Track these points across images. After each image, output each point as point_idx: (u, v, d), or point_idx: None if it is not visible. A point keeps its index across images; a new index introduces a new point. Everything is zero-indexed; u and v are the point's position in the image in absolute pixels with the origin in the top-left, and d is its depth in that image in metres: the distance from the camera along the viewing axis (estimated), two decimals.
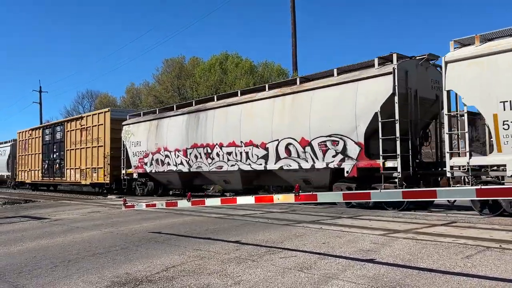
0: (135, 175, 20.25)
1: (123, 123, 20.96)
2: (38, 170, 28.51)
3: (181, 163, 17.45)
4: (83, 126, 23.40)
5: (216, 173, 15.99)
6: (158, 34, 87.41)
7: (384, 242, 6.22)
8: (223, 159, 15.51)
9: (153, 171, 19.02)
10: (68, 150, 24.87)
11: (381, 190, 4.60)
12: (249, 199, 6.02)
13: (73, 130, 24.36)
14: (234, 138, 15.01)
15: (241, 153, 14.74)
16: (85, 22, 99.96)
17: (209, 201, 6.98)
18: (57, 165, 26.17)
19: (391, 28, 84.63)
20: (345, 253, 5.57)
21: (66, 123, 25.69)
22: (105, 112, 22.22)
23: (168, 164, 18.17)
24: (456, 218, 8.76)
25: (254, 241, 6.69)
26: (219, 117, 15.78)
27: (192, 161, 16.85)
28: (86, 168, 23.08)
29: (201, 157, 16.47)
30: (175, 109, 18.54)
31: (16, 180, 32.75)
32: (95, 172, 22.33)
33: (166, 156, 18.22)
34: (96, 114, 23.10)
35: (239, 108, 14.97)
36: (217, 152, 15.71)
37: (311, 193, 5.11)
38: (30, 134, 29.87)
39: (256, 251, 5.90)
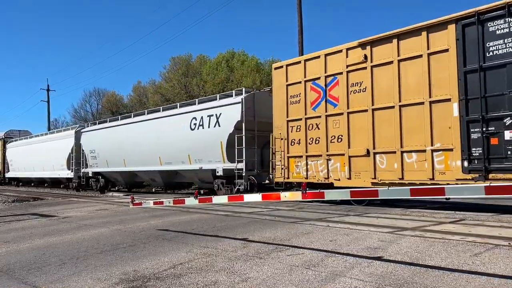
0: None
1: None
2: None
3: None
4: None
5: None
6: (164, 32, 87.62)
7: (391, 240, 6.19)
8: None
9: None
10: None
11: (389, 188, 4.57)
12: (256, 197, 6.02)
13: None
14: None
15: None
16: (92, 20, 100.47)
17: (216, 199, 7.00)
18: None
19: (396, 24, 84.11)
20: (352, 251, 5.55)
21: None
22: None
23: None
24: (465, 216, 8.70)
25: (261, 238, 6.70)
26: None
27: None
28: None
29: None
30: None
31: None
32: None
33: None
34: None
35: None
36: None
37: (318, 190, 5.10)
38: None
39: (263, 249, 5.90)
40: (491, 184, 3.72)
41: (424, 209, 10.27)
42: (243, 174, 15.09)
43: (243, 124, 15.10)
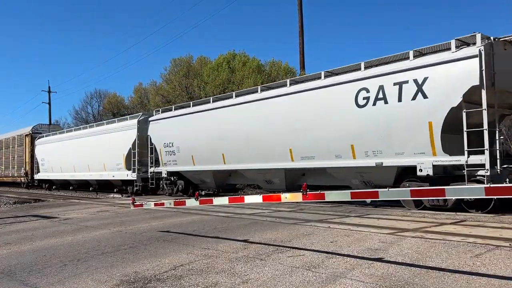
0: None
1: None
2: None
3: None
4: None
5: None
6: (165, 33, 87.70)
7: (392, 241, 6.19)
8: None
9: None
10: None
11: (389, 189, 4.57)
12: (257, 198, 6.02)
13: None
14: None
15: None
16: (92, 22, 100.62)
17: (217, 200, 7.00)
18: None
19: (397, 25, 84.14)
20: (353, 252, 5.55)
21: None
22: None
23: None
24: (465, 217, 8.70)
25: (262, 240, 6.70)
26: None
27: None
28: None
29: None
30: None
31: None
32: None
33: None
34: None
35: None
36: None
37: (318, 192, 5.10)
38: None
39: (264, 250, 5.90)
40: (490, 186, 3.72)
41: (425, 210, 10.26)
42: (484, 173, 9.18)
43: (483, 92, 9.17)
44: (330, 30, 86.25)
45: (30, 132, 32.35)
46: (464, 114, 9.40)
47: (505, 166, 9.50)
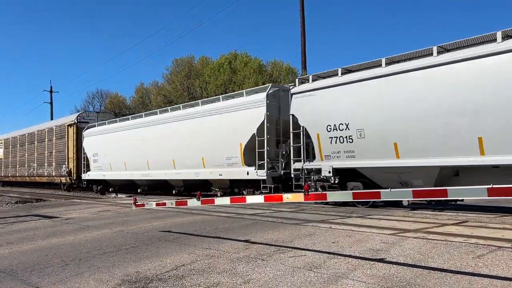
0: None
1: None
2: None
3: None
4: None
5: None
6: (167, 34, 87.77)
7: (394, 242, 6.19)
8: None
9: None
10: None
11: (391, 189, 4.56)
12: (258, 198, 6.03)
13: None
14: None
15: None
16: (93, 22, 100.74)
17: (219, 200, 7.00)
18: None
19: (399, 24, 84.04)
20: (354, 253, 5.55)
21: None
22: None
23: None
24: (467, 218, 8.68)
25: (263, 240, 6.70)
26: None
27: None
28: None
29: None
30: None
31: None
32: None
33: None
34: None
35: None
36: None
37: (320, 192, 5.10)
38: None
39: (266, 250, 5.90)
40: (493, 186, 3.71)
41: (426, 210, 10.25)
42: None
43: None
44: (332, 30, 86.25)
45: (75, 121, 25.30)
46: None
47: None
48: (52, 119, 51.44)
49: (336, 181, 12.12)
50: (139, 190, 21.27)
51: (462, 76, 9.69)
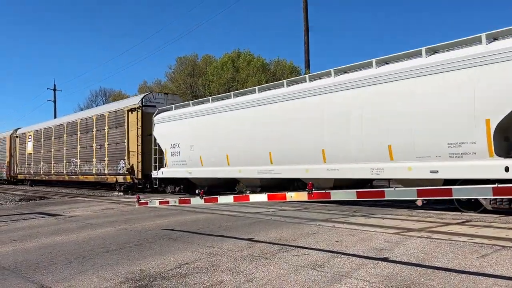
0: None
1: None
2: None
3: None
4: None
5: None
6: (170, 32, 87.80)
7: (397, 241, 6.17)
8: None
9: None
10: None
11: (396, 189, 4.54)
12: (261, 197, 6.01)
13: None
14: None
15: None
16: (97, 21, 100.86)
17: (222, 199, 7.00)
18: None
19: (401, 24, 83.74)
20: (358, 252, 5.53)
21: None
22: None
23: None
24: (471, 217, 8.65)
25: (266, 238, 6.69)
26: None
27: None
28: None
29: None
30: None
31: None
32: None
33: None
34: None
35: None
36: None
37: (324, 191, 5.09)
38: None
39: (269, 249, 5.90)
40: (498, 186, 3.69)
41: (430, 210, 10.21)
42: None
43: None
44: (336, 29, 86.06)
45: (140, 104, 19.77)
46: None
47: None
48: (55, 117, 51.02)
49: None
50: (258, 189, 14.31)
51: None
